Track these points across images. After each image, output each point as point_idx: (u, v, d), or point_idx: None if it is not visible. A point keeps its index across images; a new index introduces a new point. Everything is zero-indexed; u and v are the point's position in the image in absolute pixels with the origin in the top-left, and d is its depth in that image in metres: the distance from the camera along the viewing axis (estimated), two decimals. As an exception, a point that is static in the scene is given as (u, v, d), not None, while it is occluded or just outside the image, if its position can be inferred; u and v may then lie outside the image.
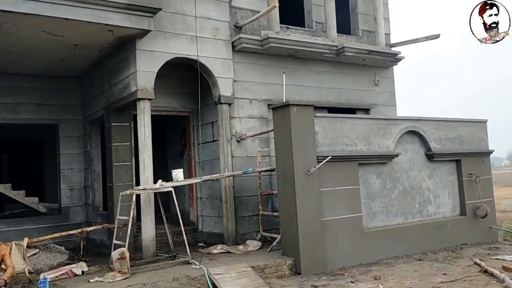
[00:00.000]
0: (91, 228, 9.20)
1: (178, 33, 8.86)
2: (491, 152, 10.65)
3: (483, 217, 9.89)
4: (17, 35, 7.92)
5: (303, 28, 10.99)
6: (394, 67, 12.44)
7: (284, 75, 9.27)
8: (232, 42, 9.61)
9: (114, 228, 8.33)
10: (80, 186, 11.23)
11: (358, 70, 11.62)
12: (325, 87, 11.09)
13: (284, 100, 8.49)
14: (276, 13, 9.77)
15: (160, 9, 8.14)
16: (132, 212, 7.81)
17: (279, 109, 8.06)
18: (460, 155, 10.06)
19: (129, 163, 9.63)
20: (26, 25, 7.50)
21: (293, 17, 11.33)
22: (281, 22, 10.22)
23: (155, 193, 8.30)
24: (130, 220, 7.71)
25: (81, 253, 9.07)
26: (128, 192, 8.03)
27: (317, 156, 7.95)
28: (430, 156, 9.67)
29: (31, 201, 11.10)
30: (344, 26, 11.97)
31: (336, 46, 10.59)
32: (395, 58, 11.80)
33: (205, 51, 9.16)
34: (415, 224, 9.31)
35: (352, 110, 11.54)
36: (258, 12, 9.67)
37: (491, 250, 9.15)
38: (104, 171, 10.51)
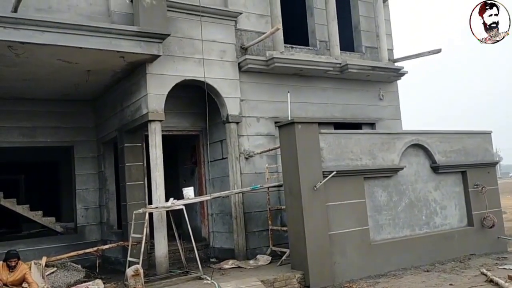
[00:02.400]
0: (106, 246, 9.49)
1: (186, 57, 9.23)
2: (496, 162, 10.79)
3: (491, 227, 9.99)
4: (34, 63, 8.35)
5: (307, 47, 11.32)
6: (399, 81, 12.69)
7: (288, 94, 9.58)
8: (239, 63, 9.96)
9: (128, 246, 8.62)
10: (95, 206, 11.57)
11: (362, 85, 11.89)
12: (330, 103, 11.36)
13: (289, 118, 8.78)
14: (280, 34, 10.13)
15: (168, 35, 8.54)
16: (145, 230, 8.10)
17: (285, 127, 8.34)
18: (465, 166, 10.21)
19: (142, 182, 9.96)
20: (43, 54, 7.94)
21: (298, 37, 11.69)
22: (286, 42, 10.58)
23: (167, 211, 8.59)
24: (144, 237, 8.00)
25: (97, 270, 9.34)
26: (141, 210, 8.34)
27: (323, 172, 8.19)
28: (435, 168, 9.84)
29: (48, 221, 11.46)
30: (348, 43, 12.28)
31: (340, 64, 10.89)
32: (398, 73, 12.05)
33: (213, 72, 9.51)
34: (422, 235, 9.45)
35: (357, 125, 11.78)
36: (263, 33, 10.02)
37: (499, 260, 9.24)
38: (118, 190, 10.85)
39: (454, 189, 10.17)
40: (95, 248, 9.45)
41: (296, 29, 11.82)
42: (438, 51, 11.14)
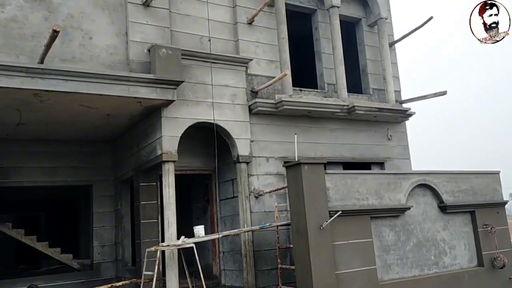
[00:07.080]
0: (120, 284, 9.76)
1: (199, 101, 9.74)
2: (505, 202, 10.83)
3: (501, 268, 9.95)
4: (57, 108, 8.93)
5: (315, 90, 11.77)
6: (411, 119, 12.94)
7: (295, 135, 9.96)
8: (249, 106, 10.43)
9: (141, 283, 8.89)
10: (111, 243, 11.92)
11: (370, 126, 12.21)
12: (339, 143, 11.67)
13: (296, 159, 9.11)
14: (289, 79, 10.62)
15: (182, 82, 9.08)
16: (157, 267, 8.38)
17: (292, 167, 8.66)
18: (473, 206, 10.28)
19: (156, 220, 10.30)
20: (66, 101, 8.52)
21: (308, 80, 12.21)
22: (295, 85, 11.05)
23: (178, 249, 8.88)
24: (155, 275, 8.28)
25: (110, 307, 9.60)
26: (153, 248, 8.66)
27: (329, 211, 8.39)
28: (443, 208, 9.93)
29: (65, 258, 11.84)
30: (356, 85, 12.72)
31: (347, 105, 11.27)
32: (406, 114, 12.36)
33: (224, 115, 9.99)
34: (431, 275, 9.45)
35: (366, 165, 12.02)
36: (273, 77, 10.51)
37: (510, 301, 9.18)
38: (133, 228, 11.21)
39: (463, 229, 10.22)
40: (108, 285, 9.71)
41: (305, 73, 12.33)
42: (444, 93, 11.45)
